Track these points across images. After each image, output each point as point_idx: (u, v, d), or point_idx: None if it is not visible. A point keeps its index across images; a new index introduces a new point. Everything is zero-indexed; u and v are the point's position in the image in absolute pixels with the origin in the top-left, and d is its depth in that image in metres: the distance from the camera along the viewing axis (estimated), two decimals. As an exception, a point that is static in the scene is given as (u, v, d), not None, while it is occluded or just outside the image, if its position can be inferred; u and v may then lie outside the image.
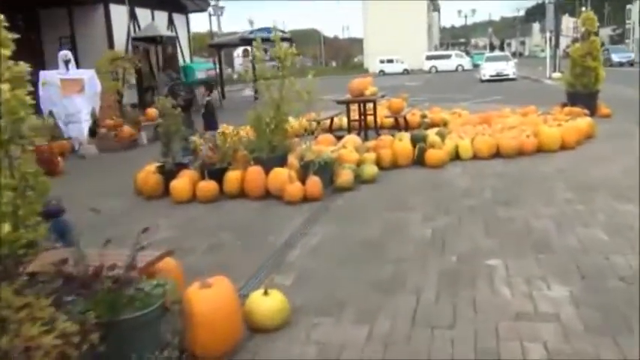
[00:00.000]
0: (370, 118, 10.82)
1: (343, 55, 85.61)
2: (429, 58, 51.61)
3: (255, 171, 6.46)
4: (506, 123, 9.17)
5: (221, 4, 53.14)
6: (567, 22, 45.11)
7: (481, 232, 4.70)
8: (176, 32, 20.34)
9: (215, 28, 49.53)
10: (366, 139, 9.61)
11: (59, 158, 8.73)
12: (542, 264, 3.88)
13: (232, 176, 6.49)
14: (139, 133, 11.78)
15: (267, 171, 6.45)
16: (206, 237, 5.13)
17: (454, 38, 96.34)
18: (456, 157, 7.86)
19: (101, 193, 7.25)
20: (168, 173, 6.78)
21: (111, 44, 16.58)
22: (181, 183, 6.49)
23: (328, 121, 10.97)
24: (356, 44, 79.60)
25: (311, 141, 8.41)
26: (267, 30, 24.96)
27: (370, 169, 6.95)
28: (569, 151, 7.99)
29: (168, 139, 6.98)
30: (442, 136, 8.08)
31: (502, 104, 14.33)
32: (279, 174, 6.30)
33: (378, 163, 7.60)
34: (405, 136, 8.05)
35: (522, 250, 4.16)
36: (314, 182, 6.19)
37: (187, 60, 21.21)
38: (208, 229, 5.39)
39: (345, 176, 6.59)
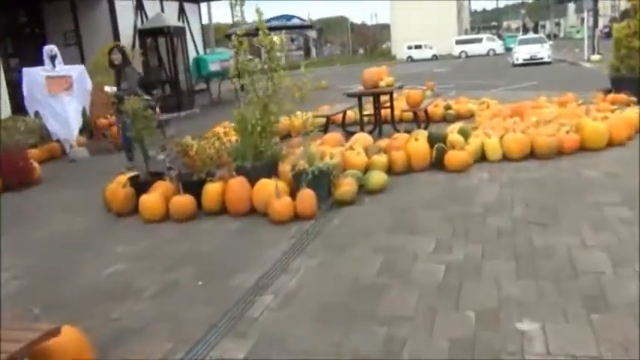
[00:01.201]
0: (386, 112, 9.68)
1: (371, 42, 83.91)
2: (458, 42, 49.60)
3: (237, 183, 5.42)
4: (542, 115, 7.90)
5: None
6: (604, 1, 42.63)
7: (511, 271, 3.56)
8: (187, 22, 19.39)
9: (239, 18, 48.50)
10: (380, 136, 8.49)
11: (36, 165, 7.85)
12: (597, 332, 2.73)
13: (212, 189, 5.47)
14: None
15: (252, 182, 5.42)
16: (163, 273, 4.12)
17: (485, 22, 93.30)
18: (481, 158, 6.68)
19: (68, 207, 6.35)
20: (141, 185, 5.81)
21: (116, 38, 15.71)
22: (152, 198, 5.51)
23: (340, 116, 9.89)
24: (384, 31, 77.73)
25: (309, 141, 7.38)
26: (287, 18, 24.04)
27: (377, 178, 5.84)
28: (618, 149, 6.71)
29: (140, 145, 6.01)
30: (465, 133, 6.89)
31: (536, 91, 12.97)
32: (265, 187, 5.26)
33: (390, 166, 6.50)
34: (422, 135, 6.88)
35: (567, 306, 3.02)
36: (306, 197, 5.13)
37: (200, 52, 20.28)
38: (170, 260, 4.38)
39: (345, 187, 5.51)
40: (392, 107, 9.62)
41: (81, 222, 5.70)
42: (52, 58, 9.62)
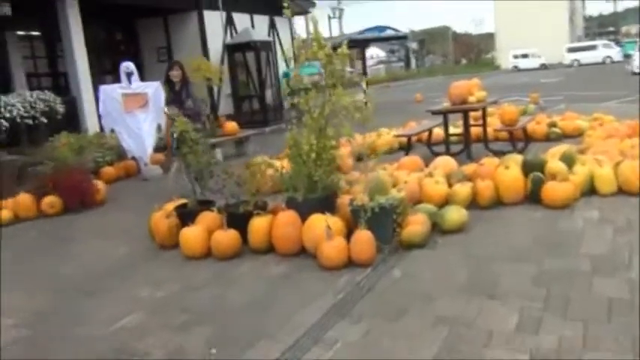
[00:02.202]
0: (478, 131, 8.56)
1: (475, 51, 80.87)
2: (570, 50, 46.12)
3: (285, 219, 4.67)
4: (671, 136, 6.46)
5: (344, 5, 52.39)
6: None
7: (625, 374, 2.49)
8: (278, 37, 19.17)
9: (336, 32, 48.74)
10: (469, 159, 7.42)
11: (100, 185, 7.59)
12: None
13: (258, 225, 4.76)
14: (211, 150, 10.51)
15: (304, 217, 4.65)
16: (176, 332, 3.44)
17: (601, 27, 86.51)
18: (590, 190, 5.45)
19: (117, 233, 5.93)
20: (188, 215, 5.23)
21: (205, 53, 15.73)
22: (194, 232, 4.89)
23: (426, 134, 8.91)
24: (489, 39, 74.56)
25: (373, 167, 6.51)
26: (380, 29, 23.21)
27: (454, 216, 4.84)
28: None
29: (186, 171, 5.45)
30: (570, 159, 5.68)
31: (662, 105, 11.16)
32: (317, 224, 4.45)
33: (475, 198, 5.47)
34: (515, 161, 5.76)
35: None
36: (361, 240, 4.26)
37: (291, 66, 19.95)
38: (191, 314, 3.70)
39: (414, 227, 4.57)
40: (484, 125, 8.48)
41: (119, 253, 5.21)
42: (129, 75, 9.50)
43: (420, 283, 3.82)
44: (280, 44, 19.30)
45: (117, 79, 14.63)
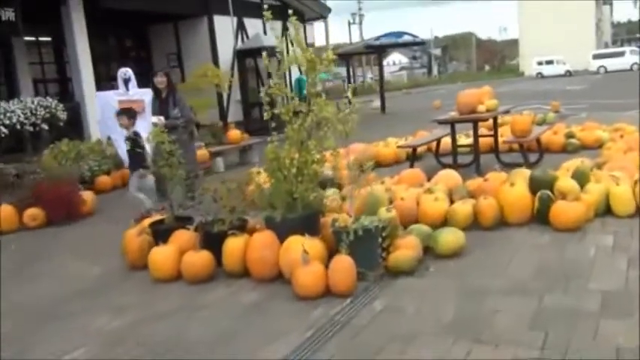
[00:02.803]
0: (488, 141, 8.06)
1: (498, 58, 79.79)
2: (596, 57, 44.97)
3: (262, 240, 4.24)
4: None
5: (364, 11, 51.86)
6: None
7: None
8: (292, 43, 18.80)
9: (356, 38, 48.44)
10: (478, 172, 6.91)
11: (88, 196, 7.26)
12: None
13: (233, 246, 4.34)
14: (212, 159, 10.19)
15: (283, 239, 4.22)
16: (120, 374, 3.05)
17: (630, 33, 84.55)
18: (605, 210, 4.92)
19: (93, 250, 5.58)
20: (162, 233, 4.85)
21: (215, 59, 15.46)
22: (163, 253, 4.49)
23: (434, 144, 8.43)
24: (513, 46, 73.39)
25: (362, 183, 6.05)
26: (397, 35, 22.65)
27: (449, 239, 4.35)
28: None
29: (160, 184, 5.08)
30: (583, 176, 5.15)
31: (691, 115, 10.49)
32: (294, 247, 4.02)
33: (477, 218, 4.98)
34: (522, 177, 5.25)
35: None
36: (341, 266, 3.81)
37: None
38: (146, 347, 3.30)
39: (403, 251, 4.11)
40: (496, 136, 7.99)
41: (89, 274, 4.85)
42: (126, 82, 9.12)
43: (401, 319, 3.36)
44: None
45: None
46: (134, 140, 6.23)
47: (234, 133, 10.93)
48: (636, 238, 4.26)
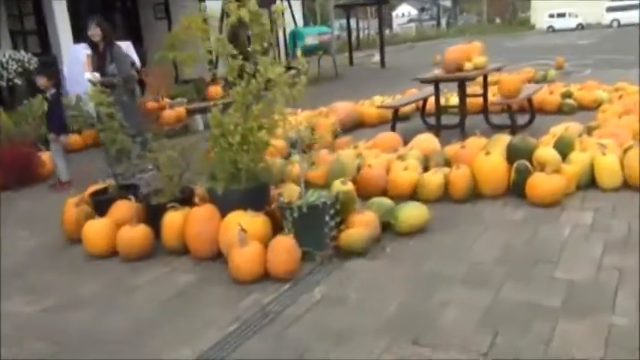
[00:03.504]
0: (475, 102, 7.53)
1: (510, 10, 77.31)
2: (610, 9, 43.18)
3: (200, 214, 3.84)
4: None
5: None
6: None
7: None
8: (286, -8, 17.96)
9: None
10: (463, 135, 6.42)
11: (45, 158, 6.84)
12: None
13: (172, 220, 3.94)
14: (190, 117, 9.70)
15: (225, 214, 3.82)
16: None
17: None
18: (590, 182, 4.46)
19: (38, 219, 5.21)
20: (103, 203, 4.45)
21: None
22: (98, 226, 4.11)
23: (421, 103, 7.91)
24: (525, -3, 70.85)
25: (340, 145, 5.61)
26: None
27: (412, 215, 3.92)
28: None
29: (106, 151, 4.65)
30: (568, 144, 4.66)
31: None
32: (234, 223, 3.61)
33: (449, 189, 4.55)
34: (500, 144, 4.77)
35: None
36: (281, 247, 3.41)
37: (300, 24, 18.81)
38: (51, 341, 2.95)
39: (356, 229, 3.70)
40: (485, 96, 7.43)
41: (25, 246, 4.49)
42: (95, 34, 8.63)
43: (338, 311, 2.98)
44: (288, 1, 18.10)
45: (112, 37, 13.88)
46: (53, 102, 5.77)
47: (216, 89, 10.39)
48: (618, 217, 3.82)
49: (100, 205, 4.47)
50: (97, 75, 5.89)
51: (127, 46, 9.02)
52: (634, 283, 2.89)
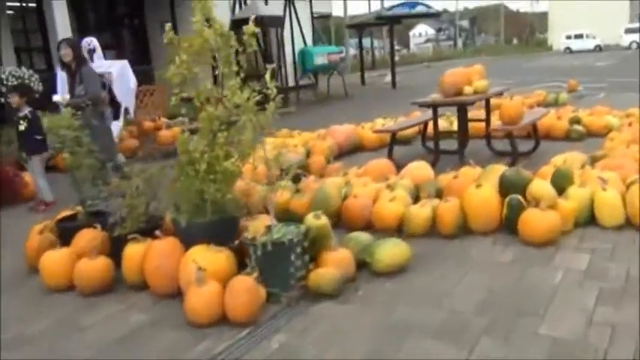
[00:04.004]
0: (478, 126, 7.22)
1: (527, 31, 76.97)
2: (628, 31, 42.68)
3: (160, 248, 3.57)
4: None
5: (386, -20, 50.23)
6: None
7: None
8: (296, 13, 17.88)
9: (377, 7, 46.88)
10: (462, 161, 6.10)
11: (28, 179, 6.64)
12: None
13: (132, 253, 3.68)
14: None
15: (189, 248, 3.54)
16: None
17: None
18: (591, 219, 4.11)
19: (16, 243, 4.96)
20: (69, 232, 4.21)
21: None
22: (55, 257, 3.85)
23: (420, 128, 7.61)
24: (543, 19, 70.56)
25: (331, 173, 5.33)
26: (410, 5, 21.46)
27: (389, 253, 3.61)
28: None
29: (72, 178, 4.41)
30: (565, 177, 4.33)
31: None
32: (192, 259, 3.33)
33: (436, 223, 4.24)
34: (493, 176, 4.45)
35: None
36: (240, 288, 3.11)
37: (309, 43, 18.70)
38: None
39: (327, 269, 3.40)
40: (487, 121, 7.12)
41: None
42: (91, 52, 8.49)
43: (292, 367, 2.67)
44: (298, 21, 18.04)
45: (120, 55, 13.83)
46: (31, 120, 5.57)
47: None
48: (617, 260, 3.47)
49: (66, 232, 4.23)
50: (67, 97, 5.70)
51: (122, 66, 8.87)
52: (627, 342, 2.54)
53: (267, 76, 3.54)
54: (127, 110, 8.90)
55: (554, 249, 3.74)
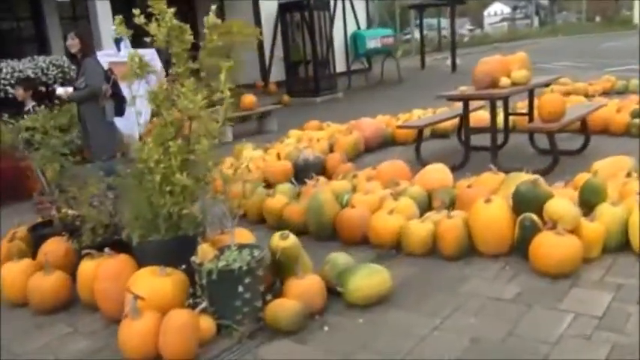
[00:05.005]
0: (522, 120, 6.46)
1: (612, 8, 71.87)
2: None
3: (109, 267, 3.22)
4: None
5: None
6: None
7: None
8: (349, -5, 17.21)
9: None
10: (494, 162, 5.40)
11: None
12: None
13: (86, 270, 3.36)
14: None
15: (141, 267, 3.17)
16: None
17: None
18: (625, 244, 3.40)
19: None
20: (40, 240, 3.96)
21: (257, 15, 14.36)
22: (12, 270, 3.60)
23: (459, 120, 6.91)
24: (631, -6, 65.44)
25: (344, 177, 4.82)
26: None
27: (364, 283, 3.06)
28: None
29: (45, 179, 4.15)
30: (596, 192, 3.60)
31: None
32: (140, 283, 2.95)
33: (438, 242, 3.66)
34: (509, 188, 3.79)
35: None
36: (176, 323, 2.69)
37: (363, 26, 17.98)
38: None
39: (287, 301, 2.93)
40: (531, 115, 6.33)
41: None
42: (117, 41, 8.33)
43: None
44: (352, 4, 17.37)
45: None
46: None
47: (248, 99, 9.84)
48: (645, 304, 2.78)
49: (39, 241, 3.97)
50: (70, 89, 5.46)
51: (151, 54, 8.65)
52: None
53: (222, 77, 3.05)
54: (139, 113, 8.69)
55: (569, 283, 3.08)
